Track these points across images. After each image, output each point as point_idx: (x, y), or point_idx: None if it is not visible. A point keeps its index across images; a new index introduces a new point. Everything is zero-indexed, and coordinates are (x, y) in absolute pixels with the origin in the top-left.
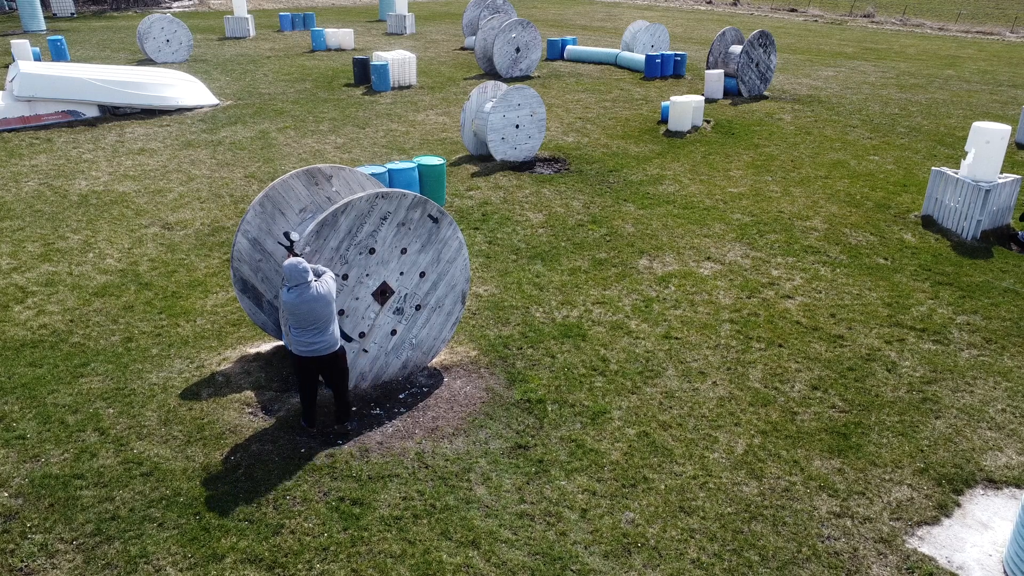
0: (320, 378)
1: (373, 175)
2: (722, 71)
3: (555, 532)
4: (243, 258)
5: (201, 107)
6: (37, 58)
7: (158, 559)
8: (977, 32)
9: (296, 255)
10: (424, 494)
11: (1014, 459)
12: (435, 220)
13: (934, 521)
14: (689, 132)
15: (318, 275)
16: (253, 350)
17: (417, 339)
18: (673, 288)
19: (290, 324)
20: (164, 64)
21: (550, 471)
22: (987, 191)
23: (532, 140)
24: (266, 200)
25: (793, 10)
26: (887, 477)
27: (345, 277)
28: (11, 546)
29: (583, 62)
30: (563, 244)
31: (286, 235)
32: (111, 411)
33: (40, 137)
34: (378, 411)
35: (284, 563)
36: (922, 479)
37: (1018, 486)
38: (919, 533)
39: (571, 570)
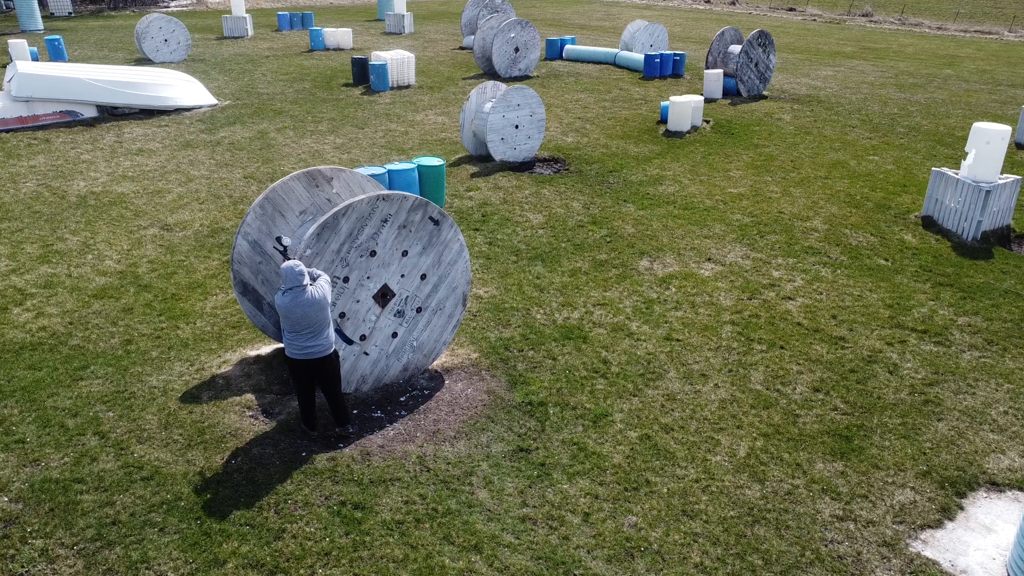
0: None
1: (372, 176)
2: (721, 71)
3: (557, 536)
4: (243, 260)
5: (199, 107)
6: (35, 58)
7: (159, 564)
8: (975, 31)
9: (289, 259)
10: (426, 498)
11: (1017, 461)
12: (436, 222)
13: (937, 524)
14: (688, 132)
15: (314, 279)
16: (253, 352)
17: (418, 342)
18: (674, 289)
19: (284, 327)
20: (162, 64)
21: (552, 474)
22: (987, 192)
23: (531, 140)
24: (266, 202)
25: (792, 9)
26: (890, 480)
27: (346, 280)
28: (11, 551)
29: (582, 62)
30: (563, 245)
31: (278, 240)
32: (111, 414)
33: (38, 138)
34: (379, 414)
35: (286, 568)
36: (925, 482)
37: (1021, 489)
38: (922, 536)
39: (574, 574)
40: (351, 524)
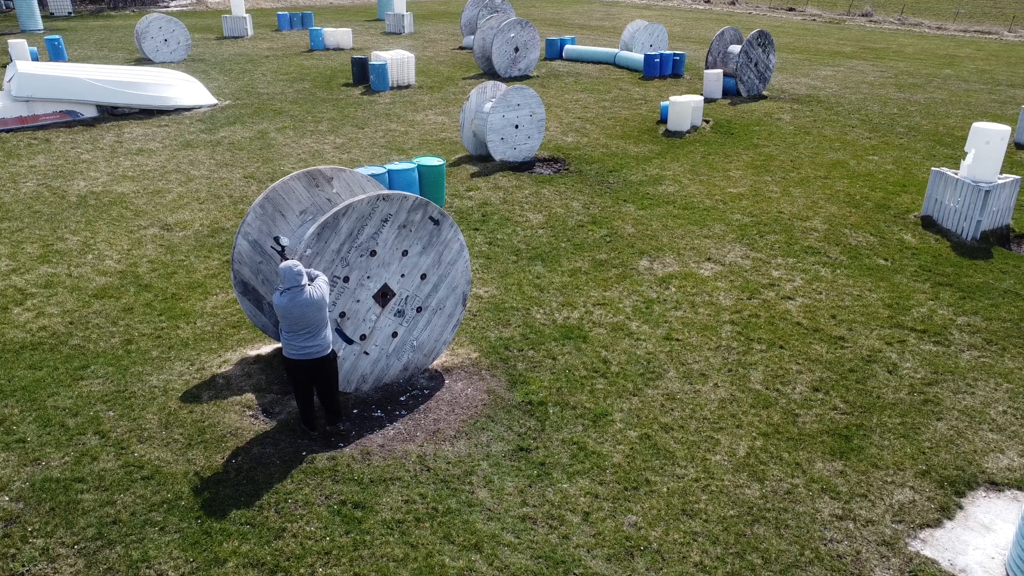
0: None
1: (373, 176)
2: (721, 71)
3: (557, 535)
4: (244, 260)
5: (199, 107)
6: (35, 58)
7: (159, 563)
8: (975, 31)
9: (286, 259)
10: (426, 497)
11: (1016, 461)
12: (436, 222)
13: (936, 524)
14: (688, 132)
15: (312, 279)
16: (253, 352)
17: (418, 341)
18: (673, 289)
19: (282, 327)
20: (162, 64)
21: (552, 474)
22: (987, 192)
23: (531, 140)
24: (266, 202)
25: (791, 9)
26: (889, 479)
27: (346, 280)
28: (12, 551)
29: (582, 61)
30: (563, 245)
31: (276, 240)
32: (111, 414)
33: (38, 138)
34: (379, 413)
35: (286, 567)
36: (924, 481)
37: (1020, 488)
38: (921, 536)
39: (574, 574)
40: (351, 523)
